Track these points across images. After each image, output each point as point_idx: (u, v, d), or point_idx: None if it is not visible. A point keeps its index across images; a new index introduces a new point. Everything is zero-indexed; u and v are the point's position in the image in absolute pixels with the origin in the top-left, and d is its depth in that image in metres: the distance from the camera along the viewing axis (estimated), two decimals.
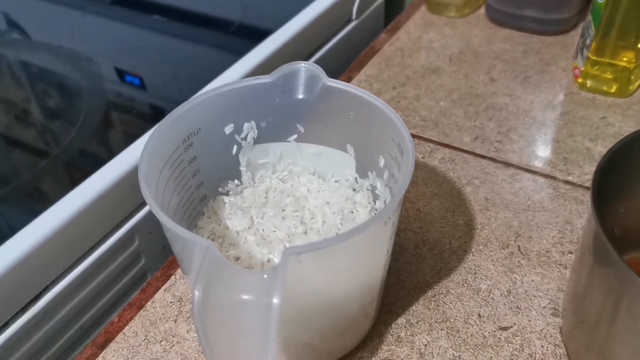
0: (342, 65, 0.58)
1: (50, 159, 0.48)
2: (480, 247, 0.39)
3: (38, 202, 0.45)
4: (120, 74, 0.59)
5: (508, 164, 0.45)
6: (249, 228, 0.34)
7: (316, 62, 0.59)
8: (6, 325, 0.37)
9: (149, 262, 0.46)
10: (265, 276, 0.24)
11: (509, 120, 0.49)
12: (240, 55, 0.54)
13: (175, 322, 0.36)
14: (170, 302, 0.37)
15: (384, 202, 0.34)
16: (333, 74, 0.34)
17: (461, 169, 0.45)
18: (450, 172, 0.45)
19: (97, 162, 0.43)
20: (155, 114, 0.55)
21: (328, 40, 0.61)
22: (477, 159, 0.46)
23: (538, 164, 0.45)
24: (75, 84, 0.57)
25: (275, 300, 0.23)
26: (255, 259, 0.32)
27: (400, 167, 0.31)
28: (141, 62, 0.60)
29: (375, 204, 0.35)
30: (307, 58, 0.59)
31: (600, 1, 0.47)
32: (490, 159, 0.46)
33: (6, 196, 0.44)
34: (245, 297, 0.24)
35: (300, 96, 0.34)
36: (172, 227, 0.26)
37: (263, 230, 0.34)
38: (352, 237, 0.26)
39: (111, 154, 0.44)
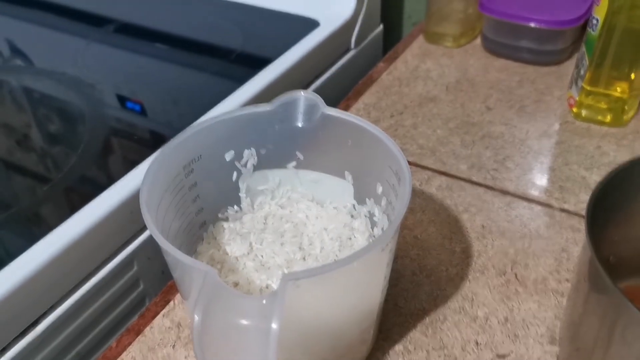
0: (340, 93, 0.59)
1: (50, 184, 0.49)
2: (477, 275, 0.40)
3: (37, 227, 0.46)
4: (122, 100, 0.59)
5: (504, 192, 0.46)
6: (248, 254, 0.34)
7: (315, 90, 0.60)
8: (4, 350, 0.37)
9: (147, 287, 0.46)
10: (264, 301, 0.25)
11: (505, 148, 0.50)
12: (240, 83, 0.54)
13: (173, 347, 0.36)
14: (169, 328, 0.37)
15: (382, 228, 0.34)
16: (331, 102, 0.34)
17: (458, 197, 0.46)
18: (447, 200, 0.45)
19: (97, 188, 0.43)
20: (156, 140, 0.56)
21: (327, 69, 0.62)
22: (474, 187, 0.46)
23: (534, 192, 0.45)
24: (77, 110, 0.58)
25: (274, 326, 0.24)
26: (254, 285, 0.33)
27: (398, 195, 0.31)
28: (142, 89, 0.60)
29: (373, 231, 0.36)
30: (306, 86, 0.60)
31: (594, 32, 0.48)
32: (487, 186, 0.46)
33: (5, 221, 0.45)
34: (245, 322, 0.24)
35: (300, 124, 0.35)
36: (173, 252, 0.27)
37: (262, 256, 0.34)
38: (350, 263, 0.26)
39: (111, 179, 0.44)
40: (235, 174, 0.36)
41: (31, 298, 0.38)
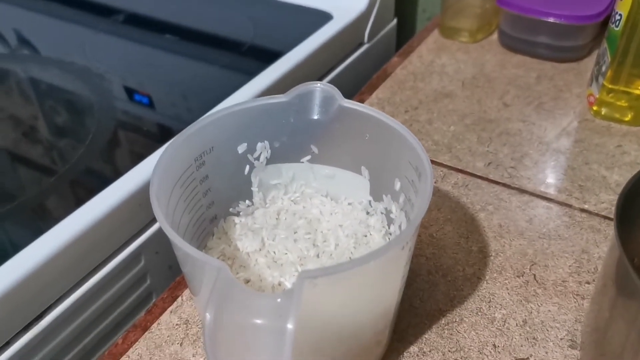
0: (353, 88, 0.58)
1: (56, 176, 0.48)
2: (495, 275, 0.38)
3: (43, 219, 0.45)
4: (129, 92, 0.58)
5: (522, 191, 0.44)
6: (260, 250, 0.33)
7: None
8: (8, 344, 0.36)
9: (154, 282, 0.45)
10: (279, 300, 0.24)
11: (523, 146, 0.48)
12: (250, 77, 0.53)
13: (181, 345, 0.35)
14: (177, 325, 0.36)
15: (399, 226, 0.33)
16: (344, 96, 0.33)
17: (474, 195, 0.44)
18: (464, 198, 0.44)
19: (104, 181, 0.42)
20: (163, 134, 0.55)
21: (339, 63, 0.61)
22: (491, 185, 0.45)
23: (553, 192, 0.44)
24: (85, 101, 0.57)
25: (289, 326, 0.23)
26: (266, 282, 0.32)
27: (418, 191, 0.30)
28: (151, 81, 0.59)
29: (389, 228, 0.34)
30: (318, 80, 0.59)
31: (617, 29, 0.47)
32: (504, 185, 0.45)
33: (11, 213, 0.44)
34: (258, 321, 0.23)
35: (315, 117, 0.34)
36: (184, 247, 0.26)
37: (274, 252, 0.33)
38: (369, 262, 0.25)
39: (118, 172, 0.43)
40: (247, 168, 0.35)
41: (36, 291, 0.37)
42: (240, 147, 0.34)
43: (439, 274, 0.39)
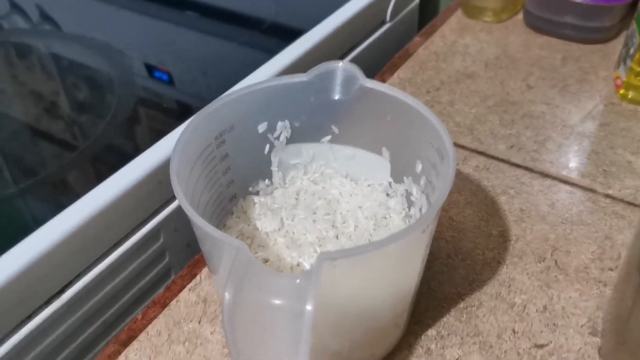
0: (374, 67, 0.57)
1: (77, 152, 0.48)
2: (515, 260, 0.38)
3: (64, 195, 0.45)
4: (150, 69, 0.58)
5: (545, 175, 0.44)
6: (279, 230, 0.33)
7: None
8: (29, 318, 0.37)
9: (173, 259, 0.45)
10: (298, 280, 0.23)
11: (547, 129, 0.48)
12: (271, 54, 0.53)
13: (199, 323, 0.35)
14: (195, 302, 0.36)
15: (420, 209, 0.33)
16: (365, 75, 0.32)
17: (496, 178, 0.44)
18: (485, 181, 0.44)
19: (124, 157, 0.42)
20: (183, 111, 0.55)
21: (361, 42, 0.60)
22: (513, 168, 0.45)
23: (576, 176, 0.43)
24: (105, 78, 0.57)
25: (308, 307, 0.22)
26: (285, 262, 0.32)
27: (439, 173, 0.30)
28: (171, 58, 0.59)
29: (409, 211, 0.34)
30: (339, 59, 0.58)
31: None
32: (526, 168, 0.44)
33: (32, 188, 0.44)
34: (277, 301, 0.23)
35: (336, 96, 0.33)
36: (203, 226, 0.25)
37: (293, 232, 0.33)
38: (389, 245, 0.24)
39: (138, 149, 0.43)
40: (267, 147, 0.35)
41: (57, 266, 0.37)
42: (261, 126, 0.34)
43: (459, 258, 0.38)
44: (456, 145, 0.47)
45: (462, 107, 0.50)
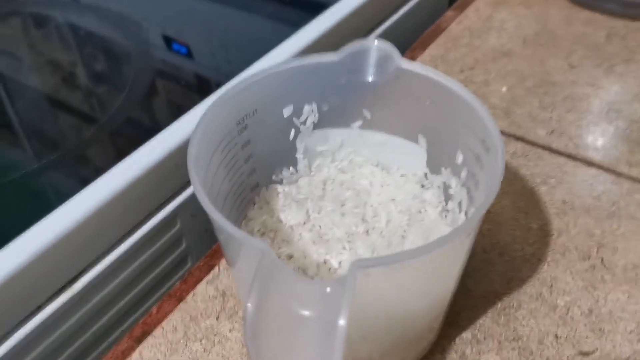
0: (404, 43, 0.54)
1: (97, 126, 0.46)
2: (557, 257, 0.35)
3: (86, 170, 0.43)
4: (167, 41, 0.56)
5: (589, 163, 0.41)
6: (305, 223, 0.31)
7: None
8: (40, 308, 0.35)
9: (189, 246, 0.43)
10: (329, 289, 0.21)
11: (591, 113, 0.44)
12: (294, 28, 0.50)
13: (217, 319, 0.33)
14: (213, 297, 0.34)
15: (459, 203, 0.30)
16: None
17: (535, 166, 0.41)
18: (523, 169, 0.41)
19: (143, 132, 0.40)
20: (202, 85, 0.53)
21: (389, 16, 0.57)
22: (554, 156, 0.41)
23: (624, 166, 0.40)
24: (122, 49, 0.54)
25: (341, 322, 0.20)
26: (310, 259, 0.29)
27: (483, 166, 0.27)
28: (189, 30, 0.57)
29: (447, 204, 0.31)
30: (366, 34, 0.55)
31: None
32: (569, 156, 0.41)
33: (56, 162, 0.42)
34: (306, 312, 0.21)
35: (369, 78, 0.30)
36: (225, 225, 0.23)
37: (320, 226, 0.30)
38: (430, 252, 0.22)
39: (156, 124, 0.41)
40: (293, 132, 0.32)
41: (71, 253, 0.35)
42: (286, 110, 0.31)
43: (495, 252, 0.36)
44: None
45: (498, 88, 0.47)
